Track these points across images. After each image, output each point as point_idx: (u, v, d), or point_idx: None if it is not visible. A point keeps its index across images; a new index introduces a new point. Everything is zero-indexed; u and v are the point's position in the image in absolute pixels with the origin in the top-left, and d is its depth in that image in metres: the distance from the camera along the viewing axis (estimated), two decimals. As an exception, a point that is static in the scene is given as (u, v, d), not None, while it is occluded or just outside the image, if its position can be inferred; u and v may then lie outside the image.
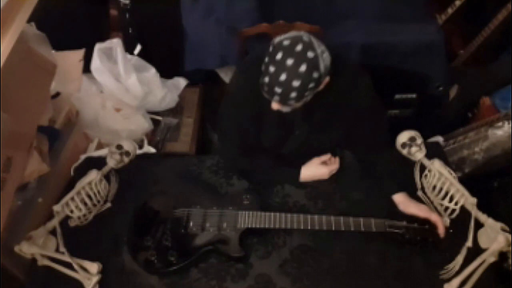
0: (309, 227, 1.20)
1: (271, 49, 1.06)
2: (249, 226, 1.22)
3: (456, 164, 1.84)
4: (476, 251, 1.14)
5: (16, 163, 1.22)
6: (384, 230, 1.18)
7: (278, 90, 1.05)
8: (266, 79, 1.06)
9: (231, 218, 1.23)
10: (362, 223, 1.19)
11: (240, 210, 1.24)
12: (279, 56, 1.03)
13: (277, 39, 1.07)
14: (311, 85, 1.05)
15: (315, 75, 1.04)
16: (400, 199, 1.27)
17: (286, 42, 1.04)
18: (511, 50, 2.10)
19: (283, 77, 1.03)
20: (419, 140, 1.37)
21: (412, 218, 1.20)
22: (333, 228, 1.19)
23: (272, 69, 1.04)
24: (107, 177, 1.38)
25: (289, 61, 1.02)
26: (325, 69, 1.05)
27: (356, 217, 1.20)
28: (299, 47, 1.02)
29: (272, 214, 1.23)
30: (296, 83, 1.03)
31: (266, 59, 1.06)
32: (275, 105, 1.13)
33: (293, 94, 1.05)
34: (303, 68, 1.02)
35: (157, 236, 1.22)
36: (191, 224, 1.24)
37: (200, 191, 1.33)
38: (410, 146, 1.37)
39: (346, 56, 1.34)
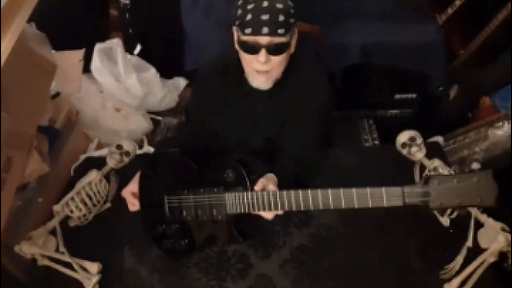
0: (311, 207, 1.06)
1: None
2: (239, 211, 1.13)
3: (456, 164, 1.84)
4: (476, 251, 1.14)
5: (16, 163, 1.22)
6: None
7: (265, 16, 1.07)
8: (249, 16, 1.08)
9: (220, 204, 1.15)
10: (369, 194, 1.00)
11: (227, 192, 1.15)
12: None
13: None
14: (291, 10, 1.11)
15: (289, 1, 1.12)
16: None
17: None
18: (511, 50, 2.10)
19: (265, 3, 1.08)
20: (419, 140, 1.37)
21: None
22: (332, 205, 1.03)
23: (250, 5, 1.08)
24: (107, 177, 1.38)
25: None
26: None
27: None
28: None
29: (258, 193, 1.09)
30: (279, 5, 1.08)
31: (241, 4, 1.10)
32: (262, 57, 1.11)
33: (281, 17, 1.08)
34: None
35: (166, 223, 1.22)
36: (184, 213, 1.20)
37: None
38: (410, 146, 1.36)
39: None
